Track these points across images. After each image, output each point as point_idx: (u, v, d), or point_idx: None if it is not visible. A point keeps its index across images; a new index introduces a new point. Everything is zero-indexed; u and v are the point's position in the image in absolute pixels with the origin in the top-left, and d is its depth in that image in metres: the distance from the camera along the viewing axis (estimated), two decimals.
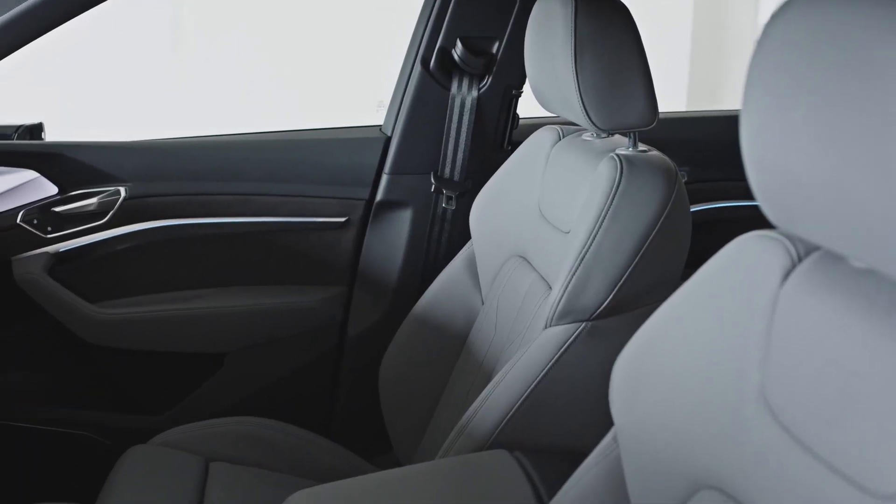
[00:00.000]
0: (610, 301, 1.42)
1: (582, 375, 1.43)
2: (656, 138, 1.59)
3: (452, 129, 2.16)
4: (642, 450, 0.96)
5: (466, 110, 2.15)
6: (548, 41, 1.55)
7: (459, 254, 1.92)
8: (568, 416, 1.46)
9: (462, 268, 1.89)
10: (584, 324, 1.43)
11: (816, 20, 0.70)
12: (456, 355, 1.84)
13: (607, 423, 1.06)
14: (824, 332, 0.77)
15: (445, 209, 2.18)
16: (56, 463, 2.17)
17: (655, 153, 1.52)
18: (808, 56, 0.70)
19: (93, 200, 2.11)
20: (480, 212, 1.87)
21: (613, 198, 1.42)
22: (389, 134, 2.22)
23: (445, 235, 2.20)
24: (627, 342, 1.02)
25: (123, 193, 2.12)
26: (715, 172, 2.32)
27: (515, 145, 1.89)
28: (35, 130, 2.25)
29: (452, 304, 1.87)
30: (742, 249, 0.89)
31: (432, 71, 2.16)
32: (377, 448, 2.12)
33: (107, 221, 2.11)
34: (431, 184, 2.18)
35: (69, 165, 2.11)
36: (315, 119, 2.48)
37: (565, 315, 1.44)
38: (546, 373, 1.43)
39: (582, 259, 1.42)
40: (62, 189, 2.11)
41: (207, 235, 2.18)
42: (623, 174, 1.43)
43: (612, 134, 1.64)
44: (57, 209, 2.10)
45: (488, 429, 1.45)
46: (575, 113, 1.52)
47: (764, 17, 0.77)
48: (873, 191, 0.65)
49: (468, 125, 2.15)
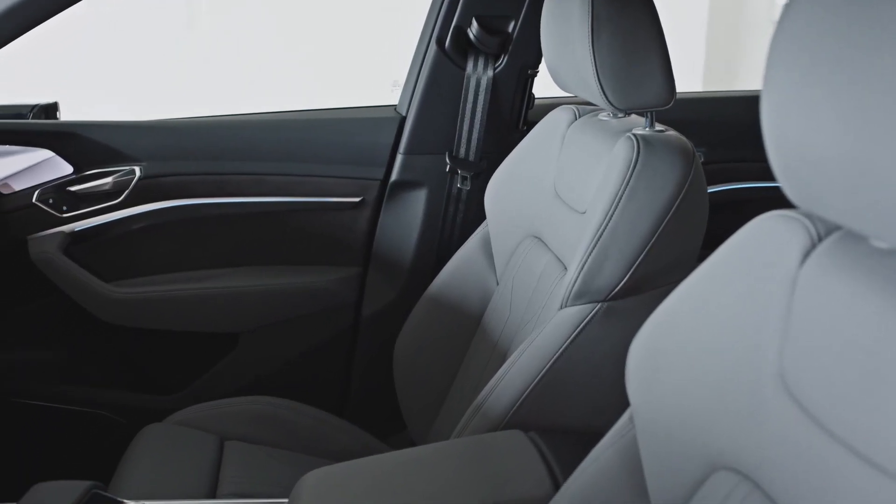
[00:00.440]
0: (626, 282, 1.42)
1: (597, 356, 1.43)
2: (672, 118, 1.57)
3: (468, 109, 2.15)
4: (658, 430, 0.96)
5: (482, 90, 2.13)
6: (564, 20, 1.54)
7: (474, 234, 1.91)
8: (583, 397, 1.46)
9: (477, 248, 1.89)
10: (600, 304, 1.43)
11: None
12: (470, 336, 1.84)
13: (623, 404, 1.05)
14: (844, 313, 0.76)
15: (460, 189, 2.18)
16: (72, 441, 2.18)
17: (672, 133, 1.51)
18: (831, 33, 0.69)
19: (108, 180, 2.12)
20: (495, 192, 1.86)
21: (630, 178, 1.41)
22: (404, 114, 2.22)
23: (460, 216, 2.19)
24: (643, 323, 1.01)
25: (138, 173, 2.12)
26: (731, 153, 2.31)
27: (531, 125, 1.88)
28: (50, 110, 2.25)
29: (467, 285, 1.87)
30: (761, 229, 0.88)
31: (447, 50, 2.15)
32: (391, 428, 2.13)
33: (122, 201, 2.12)
34: (446, 164, 2.17)
35: (84, 145, 2.11)
36: (330, 99, 2.48)
37: (581, 296, 1.44)
38: (561, 353, 1.43)
39: (598, 239, 1.42)
40: (77, 168, 2.11)
41: (222, 215, 2.18)
42: (640, 154, 1.42)
43: (629, 114, 1.63)
44: (72, 188, 2.11)
45: (503, 409, 1.45)
46: (591, 92, 1.51)
47: None
48: None
49: (483, 105, 2.14)
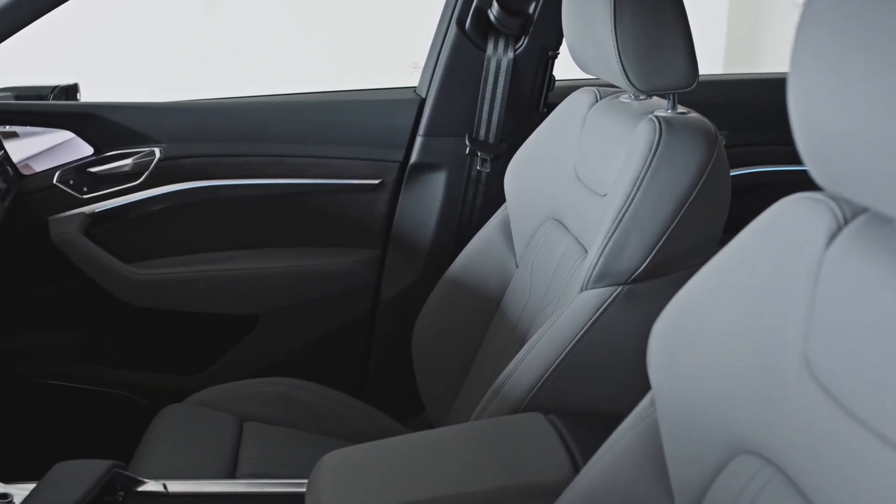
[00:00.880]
0: (647, 264, 1.41)
1: (618, 339, 1.42)
2: (694, 101, 1.56)
3: (488, 91, 2.14)
4: (680, 413, 0.95)
5: (502, 72, 2.12)
6: (586, 1, 1.53)
7: (493, 217, 1.91)
8: (603, 380, 1.45)
9: (496, 231, 1.88)
10: (621, 287, 1.42)
11: None
12: (489, 318, 1.84)
13: (643, 388, 1.05)
14: (870, 296, 0.75)
15: (480, 172, 2.17)
16: (92, 421, 2.20)
17: (695, 115, 1.50)
18: (859, 14, 0.69)
19: (128, 161, 2.12)
20: (515, 174, 1.85)
21: (652, 160, 1.40)
22: (424, 95, 2.21)
23: (480, 198, 2.19)
24: (664, 306, 1.00)
25: (158, 154, 2.12)
26: (753, 136, 2.29)
27: (551, 107, 1.87)
28: (70, 91, 2.26)
29: (486, 268, 1.86)
30: (786, 211, 0.87)
31: (468, 31, 2.14)
32: (409, 410, 2.13)
33: (142, 182, 2.12)
34: (466, 146, 2.16)
35: (104, 126, 2.12)
36: (349, 80, 2.47)
37: (601, 278, 1.43)
38: (581, 336, 1.42)
39: (619, 222, 1.41)
40: (97, 150, 2.12)
41: (242, 197, 2.18)
42: (662, 136, 1.41)
43: (651, 96, 1.62)
44: (93, 170, 2.12)
45: (522, 391, 1.45)
46: (613, 74, 1.50)
47: None
48: None
49: (504, 87, 2.13)
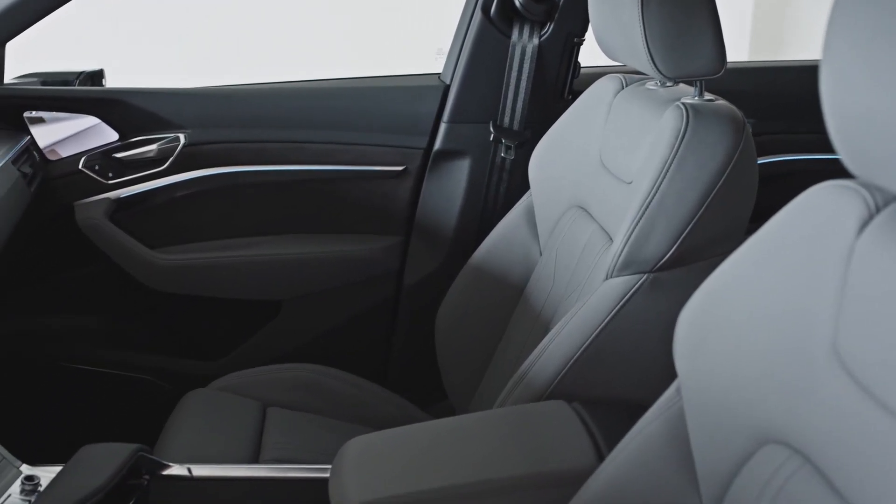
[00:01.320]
0: (673, 253, 1.40)
1: (643, 327, 1.42)
2: (721, 88, 1.55)
3: (512, 78, 2.13)
4: (707, 402, 0.95)
5: (527, 58, 2.11)
6: None
7: (517, 204, 1.90)
8: (628, 368, 1.45)
9: (520, 218, 1.87)
10: (646, 275, 1.41)
11: None
12: (513, 306, 1.83)
13: (668, 376, 1.04)
14: None
15: (504, 159, 2.16)
16: (117, 405, 2.21)
17: (722, 102, 1.48)
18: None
19: (153, 147, 2.13)
20: (539, 162, 1.84)
21: (679, 147, 1.39)
22: (448, 82, 2.20)
23: (504, 185, 2.18)
24: (690, 294, 1.00)
25: (183, 140, 2.13)
26: (781, 124, 2.27)
27: (576, 94, 1.86)
28: (96, 77, 2.27)
29: (510, 255, 1.86)
30: (816, 199, 0.86)
31: (493, 18, 2.13)
32: (432, 397, 2.13)
33: (166, 168, 2.13)
34: (490, 133, 2.15)
35: (129, 112, 2.12)
36: (374, 67, 2.47)
37: (627, 266, 1.42)
38: (606, 324, 1.42)
39: (645, 209, 1.40)
40: (123, 135, 2.13)
41: (266, 183, 2.19)
42: (689, 123, 1.40)
43: (678, 83, 1.60)
44: (118, 155, 2.12)
45: (546, 379, 1.45)
46: (640, 60, 1.49)
47: None
48: None
49: (528, 73, 2.11)
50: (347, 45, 4.84)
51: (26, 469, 1.45)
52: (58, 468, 1.42)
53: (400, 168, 2.21)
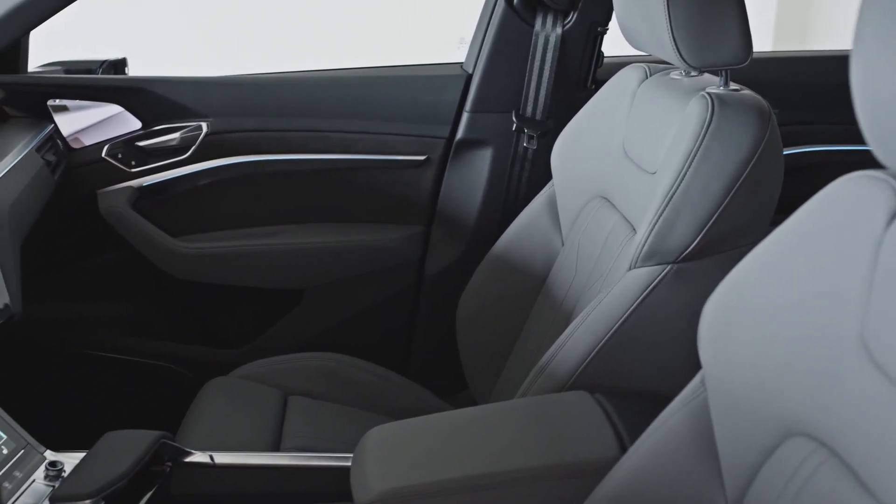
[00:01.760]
0: (697, 243, 1.39)
1: (666, 318, 1.41)
2: (745, 78, 1.53)
3: (535, 67, 2.12)
4: (731, 393, 0.94)
5: (550, 47, 2.10)
6: None
7: (540, 194, 1.89)
8: (650, 359, 1.44)
9: (542, 208, 1.87)
10: (670, 266, 1.40)
11: None
12: (534, 296, 1.83)
13: (691, 367, 1.04)
14: None
15: (526, 148, 2.15)
16: (139, 392, 2.22)
17: (748, 92, 1.47)
18: None
19: (175, 135, 2.14)
20: (562, 151, 1.84)
21: (704, 137, 1.38)
22: (471, 71, 2.19)
23: (526, 175, 2.17)
24: (713, 286, 0.99)
25: (205, 129, 2.13)
26: (806, 115, 2.25)
27: (599, 84, 1.85)
28: (119, 65, 2.28)
29: (532, 245, 1.85)
30: (845, 190, 0.85)
31: (516, 6, 2.12)
32: (452, 387, 2.13)
33: (189, 156, 2.13)
34: (513, 122, 2.15)
35: (152, 100, 2.13)
36: (396, 55, 2.46)
37: (650, 257, 1.41)
38: (629, 315, 1.41)
39: (669, 200, 1.39)
40: (145, 124, 2.13)
41: (288, 172, 2.19)
42: (714, 113, 1.39)
43: (702, 72, 1.59)
44: (141, 143, 2.13)
45: (569, 370, 1.44)
46: (665, 49, 1.48)
47: None
48: None
49: (551, 63, 2.10)
50: (370, 34, 4.84)
51: (50, 455, 1.45)
52: (81, 454, 1.42)
53: (422, 157, 2.20)
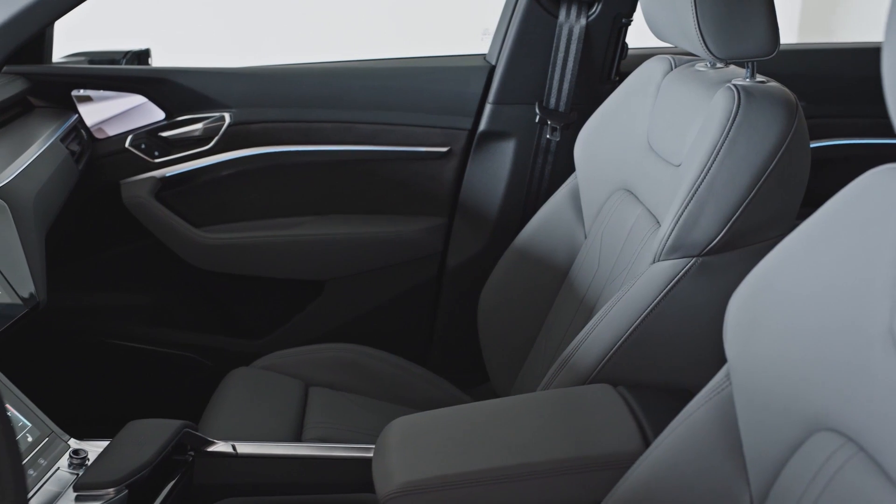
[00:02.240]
0: (722, 237, 1.38)
1: (690, 311, 1.40)
2: (771, 71, 1.52)
3: (559, 59, 2.11)
4: (757, 387, 0.93)
5: (574, 39, 2.09)
6: None
7: (563, 186, 1.88)
8: (674, 353, 1.43)
9: (565, 201, 1.86)
10: (694, 259, 1.39)
11: None
12: (556, 289, 1.82)
13: (715, 361, 1.03)
14: None
15: (549, 140, 2.15)
16: (161, 382, 2.23)
17: (775, 84, 1.45)
18: None
19: (198, 126, 2.14)
20: (585, 144, 1.83)
21: (730, 130, 1.37)
22: (494, 63, 2.19)
23: (549, 167, 2.16)
24: (738, 279, 0.98)
25: (228, 119, 2.13)
26: (834, 108, 2.23)
27: (623, 76, 1.84)
28: (142, 56, 2.29)
29: (554, 238, 1.85)
30: (873, 182, 0.84)
31: None
32: (474, 379, 2.13)
33: (212, 147, 2.14)
34: (536, 114, 2.14)
35: (176, 91, 2.13)
36: (419, 47, 2.46)
37: (675, 250, 1.40)
38: (653, 308, 1.40)
39: (694, 193, 1.38)
40: (169, 114, 2.14)
41: (310, 162, 2.19)
42: (741, 105, 1.38)
43: (728, 64, 1.58)
44: (164, 134, 2.14)
45: (591, 363, 1.43)
46: (690, 41, 1.46)
47: None
48: None
49: (575, 55, 2.09)
50: (393, 26, 4.83)
51: (74, 443, 1.46)
52: (105, 443, 1.43)
53: (444, 149, 2.20)
